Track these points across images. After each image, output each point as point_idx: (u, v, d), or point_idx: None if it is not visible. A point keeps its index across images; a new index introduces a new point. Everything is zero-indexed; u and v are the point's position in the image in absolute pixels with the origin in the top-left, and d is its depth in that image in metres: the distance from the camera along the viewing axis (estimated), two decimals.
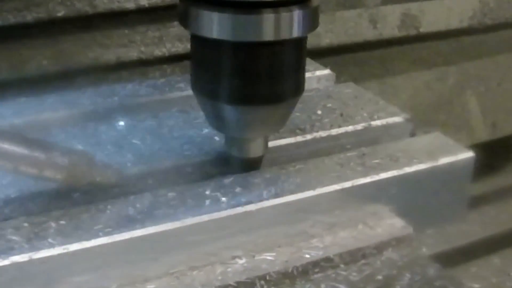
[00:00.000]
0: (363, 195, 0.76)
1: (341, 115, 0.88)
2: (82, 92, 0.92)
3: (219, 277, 0.68)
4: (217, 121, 0.74)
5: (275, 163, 0.79)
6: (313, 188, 0.73)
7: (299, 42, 0.71)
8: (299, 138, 0.83)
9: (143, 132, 0.83)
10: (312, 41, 1.15)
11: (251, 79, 0.69)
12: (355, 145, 0.84)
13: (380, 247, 0.74)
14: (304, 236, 0.73)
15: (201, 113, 0.76)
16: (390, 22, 1.26)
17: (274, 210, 0.71)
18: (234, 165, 0.77)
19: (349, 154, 0.80)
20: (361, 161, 0.79)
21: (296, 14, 0.67)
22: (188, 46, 0.73)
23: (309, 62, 0.97)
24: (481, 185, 1.30)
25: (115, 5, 1.02)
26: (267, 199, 0.71)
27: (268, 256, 0.71)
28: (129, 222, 0.66)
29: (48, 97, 0.90)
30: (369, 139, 0.85)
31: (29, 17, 0.98)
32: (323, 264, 0.71)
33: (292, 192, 0.72)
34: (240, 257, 0.70)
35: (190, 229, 0.67)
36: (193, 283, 0.67)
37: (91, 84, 0.96)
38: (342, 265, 0.72)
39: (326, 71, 1.01)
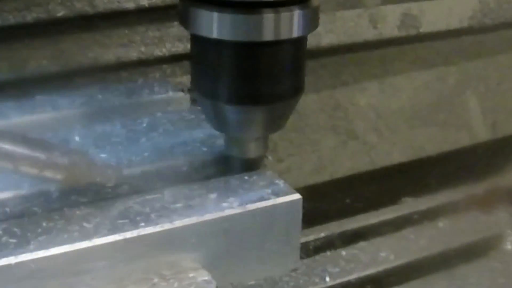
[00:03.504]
0: (156, 244, 0.65)
1: None
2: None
3: None
4: (217, 121, 0.74)
5: None
6: (89, 239, 0.63)
7: (299, 42, 0.71)
8: None
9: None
10: (312, 41, 1.15)
11: (251, 79, 0.69)
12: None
13: None
14: None
15: None
16: (390, 22, 1.26)
17: (42, 263, 0.62)
18: (234, 165, 0.78)
19: (148, 196, 0.70)
20: (160, 204, 0.68)
21: (296, 14, 0.67)
22: (188, 46, 0.73)
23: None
24: (400, 206, 1.24)
25: (115, 5, 1.02)
26: (33, 250, 0.62)
27: None
28: None
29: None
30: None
31: (29, 17, 0.97)
32: None
33: (64, 243, 0.63)
34: None
35: None
36: None
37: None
38: None
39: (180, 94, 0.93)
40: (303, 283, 1.00)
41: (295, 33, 0.68)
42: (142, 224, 0.65)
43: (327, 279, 1.02)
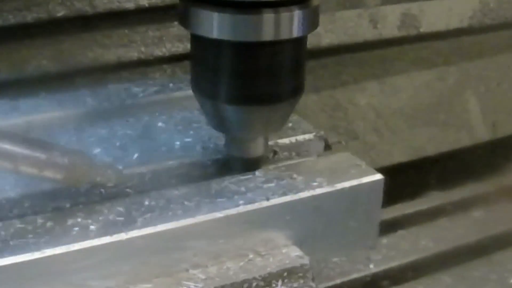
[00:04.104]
0: (253, 221, 0.70)
1: None
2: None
3: None
4: (217, 121, 0.74)
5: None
6: (193, 216, 0.68)
7: (299, 42, 0.71)
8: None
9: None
10: (312, 41, 1.15)
11: (251, 79, 0.69)
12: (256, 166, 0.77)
13: (268, 279, 0.68)
14: (186, 266, 0.68)
15: None
16: (390, 22, 1.26)
17: (151, 238, 0.66)
18: (234, 165, 0.77)
19: (242, 177, 0.74)
20: (253, 184, 0.73)
21: (296, 14, 0.67)
22: (188, 46, 0.73)
23: None
24: (437, 196, 1.27)
25: (115, 5, 1.02)
26: (140, 228, 0.66)
27: (144, 287, 0.66)
28: None
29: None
30: (274, 159, 0.80)
31: (29, 17, 0.97)
32: None
33: (170, 219, 0.67)
34: None
35: (55, 259, 0.63)
36: None
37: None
38: None
39: None
40: (348, 270, 1.01)
41: (295, 33, 0.68)
42: (241, 202, 0.69)
43: (371, 266, 1.04)
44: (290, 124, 0.83)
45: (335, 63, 1.23)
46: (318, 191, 0.72)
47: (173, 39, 1.08)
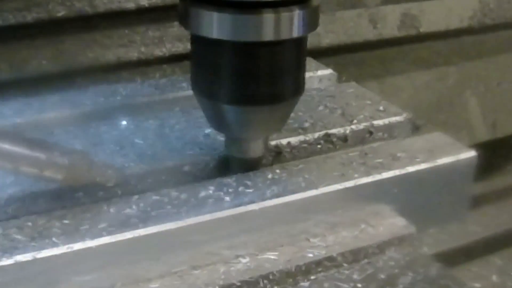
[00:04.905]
0: (365, 194, 0.76)
1: (343, 114, 0.88)
2: (82, 92, 0.92)
3: (222, 276, 0.68)
4: (217, 122, 0.74)
5: (279, 162, 0.80)
6: (316, 188, 0.73)
7: (299, 42, 0.71)
8: (301, 138, 0.83)
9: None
10: (312, 41, 1.15)
11: (251, 79, 0.69)
12: (356, 145, 0.84)
13: (382, 247, 0.74)
14: (306, 235, 0.73)
15: None
16: (390, 22, 1.26)
17: (276, 209, 0.71)
18: (234, 165, 0.77)
19: (351, 153, 0.81)
20: (363, 161, 0.79)
21: (296, 14, 0.67)
22: (188, 46, 0.73)
23: (310, 62, 1.00)
24: (481, 185, 1.30)
25: (115, 5, 1.02)
26: (270, 198, 0.71)
27: (271, 255, 0.71)
28: (132, 222, 0.67)
29: (48, 97, 0.90)
30: (370, 139, 0.86)
31: (29, 17, 0.97)
32: (326, 263, 0.71)
33: (294, 191, 0.72)
34: (243, 256, 0.70)
35: (193, 229, 0.68)
36: (196, 282, 0.67)
37: (91, 84, 0.96)
38: (345, 264, 0.72)
39: (328, 71, 1.02)
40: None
41: (295, 33, 0.68)
42: (356, 175, 0.76)
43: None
44: (381, 107, 0.90)
45: (335, 63, 1.22)
46: (422, 166, 0.79)
47: (173, 39, 1.08)
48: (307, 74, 0.93)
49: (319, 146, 0.83)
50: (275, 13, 0.66)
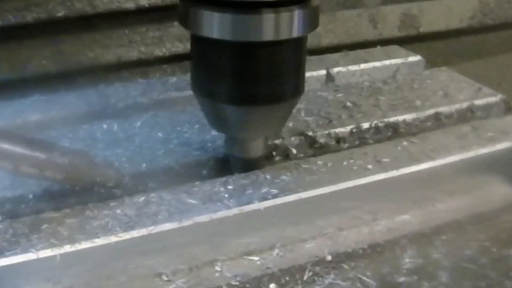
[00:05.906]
0: (480, 164, 0.84)
1: (446, 95, 0.96)
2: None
3: (368, 236, 0.76)
4: (217, 121, 0.74)
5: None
6: (443, 157, 0.82)
7: (299, 42, 0.71)
8: (414, 115, 0.91)
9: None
10: (312, 41, 1.15)
11: (251, 79, 0.69)
12: (461, 122, 0.93)
13: (497, 212, 0.82)
14: (430, 201, 0.82)
15: None
16: (390, 22, 1.26)
17: (405, 178, 0.79)
18: (234, 165, 0.78)
19: (463, 128, 0.89)
20: (476, 134, 0.87)
21: (296, 14, 0.67)
22: (188, 46, 0.73)
23: (400, 49, 1.15)
24: None
25: (115, 5, 1.02)
26: (408, 165, 0.80)
27: (405, 217, 0.80)
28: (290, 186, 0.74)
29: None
30: (472, 117, 0.94)
31: (29, 17, 0.98)
32: (452, 225, 0.79)
33: (422, 161, 0.81)
34: (381, 219, 0.78)
35: (343, 194, 0.76)
36: (345, 242, 0.75)
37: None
38: (468, 227, 0.79)
39: (417, 57, 1.13)
40: None
41: (295, 33, 0.68)
42: (474, 147, 0.84)
43: None
44: (477, 89, 0.99)
45: None
46: (498, 146, 0.86)
47: (173, 39, 1.08)
48: (399, 60, 1.11)
49: (428, 123, 0.91)
50: (275, 13, 0.66)
